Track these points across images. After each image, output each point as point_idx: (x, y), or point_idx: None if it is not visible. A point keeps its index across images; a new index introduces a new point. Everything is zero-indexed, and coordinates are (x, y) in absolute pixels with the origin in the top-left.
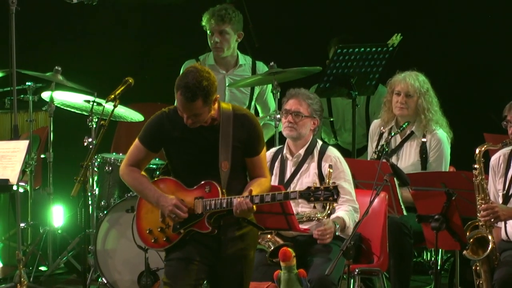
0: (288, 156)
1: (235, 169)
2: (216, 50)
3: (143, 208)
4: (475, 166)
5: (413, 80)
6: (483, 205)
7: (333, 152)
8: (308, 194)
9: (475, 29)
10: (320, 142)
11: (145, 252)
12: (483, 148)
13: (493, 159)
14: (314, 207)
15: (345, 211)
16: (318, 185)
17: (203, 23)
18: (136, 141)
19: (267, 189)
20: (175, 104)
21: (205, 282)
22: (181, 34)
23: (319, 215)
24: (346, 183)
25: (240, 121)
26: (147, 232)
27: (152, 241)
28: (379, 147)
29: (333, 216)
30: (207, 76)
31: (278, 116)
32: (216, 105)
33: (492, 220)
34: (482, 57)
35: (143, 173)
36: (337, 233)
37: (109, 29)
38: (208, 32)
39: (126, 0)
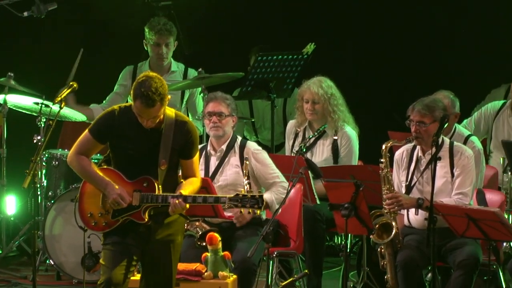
0: (212, 152)
1: (170, 169)
2: (161, 60)
3: (86, 193)
4: (382, 160)
5: (317, 88)
6: (388, 195)
7: (252, 145)
8: (236, 200)
9: (380, 39)
10: (239, 138)
11: (84, 232)
12: (388, 144)
13: (397, 153)
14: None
15: (271, 193)
16: (246, 190)
17: (147, 36)
18: (86, 132)
19: (198, 187)
20: (122, 104)
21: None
22: (118, 44)
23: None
24: (273, 166)
25: (180, 127)
26: (88, 215)
27: (93, 224)
28: (297, 147)
29: None
30: (160, 82)
31: None
32: (163, 110)
33: (396, 208)
34: (387, 63)
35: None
36: (262, 215)
37: (56, 39)
38: (151, 43)
39: (69, 15)
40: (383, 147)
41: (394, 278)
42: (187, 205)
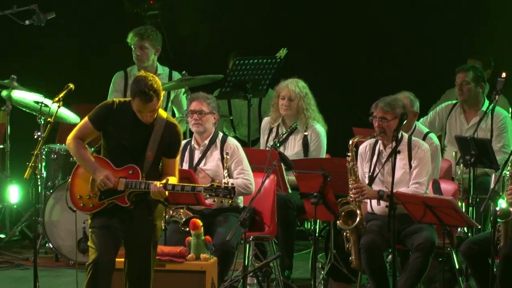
0: (196, 146)
1: (155, 162)
2: (138, 62)
3: (77, 177)
4: (348, 154)
5: (294, 86)
6: (354, 185)
7: (232, 141)
8: (210, 190)
9: (347, 46)
10: (221, 134)
11: (75, 213)
12: (355, 140)
13: (361, 147)
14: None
15: (237, 180)
16: (224, 181)
17: (128, 40)
18: (86, 119)
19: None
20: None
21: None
22: (111, 50)
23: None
24: (244, 162)
25: (169, 128)
26: (78, 197)
27: (81, 205)
28: (271, 142)
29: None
30: (153, 79)
31: None
32: (159, 104)
33: (360, 198)
34: (353, 67)
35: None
36: (240, 203)
37: (55, 45)
38: (132, 47)
39: (67, 23)
40: (350, 142)
41: (357, 259)
42: (166, 192)
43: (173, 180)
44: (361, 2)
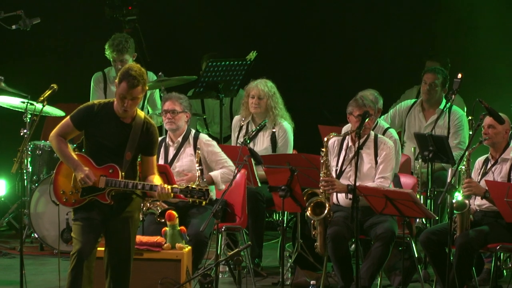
0: (170, 143)
1: (133, 161)
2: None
3: (60, 173)
4: (322, 149)
5: (263, 86)
6: (325, 178)
7: (204, 137)
8: (186, 192)
9: (314, 49)
10: (193, 131)
11: (58, 206)
12: (331, 137)
13: (330, 142)
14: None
15: (218, 172)
16: (197, 181)
17: (106, 54)
18: (68, 118)
19: (158, 180)
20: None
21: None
22: (91, 54)
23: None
24: (219, 152)
25: (147, 127)
26: (61, 192)
27: (64, 200)
28: (242, 139)
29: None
30: (141, 70)
31: None
32: (135, 110)
33: (330, 191)
34: (319, 68)
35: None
36: (212, 196)
37: (39, 48)
38: (111, 60)
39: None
40: (325, 139)
41: (322, 245)
42: (172, 194)
43: (156, 179)
44: (326, 7)
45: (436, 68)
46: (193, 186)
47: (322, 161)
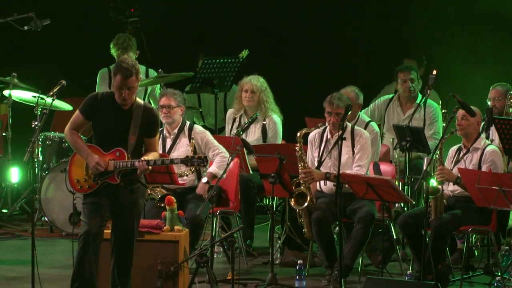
0: (167, 135)
1: (137, 143)
2: None
3: (73, 164)
4: (297, 144)
5: (255, 81)
6: (303, 170)
7: (198, 128)
8: (186, 160)
9: (301, 47)
10: (188, 122)
11: (73, 195)
12: (302, 132)
13: (311, 135)
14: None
15: (214, 165)
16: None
17: (112, 52)
18: (77, 111)
19: (157, 157)
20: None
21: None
22: (96, 52)
23: (187, 173)
24: (212, 140)
25: (147, 112)
26: (76, 181)
27: (79, 187)
28: (235, 130)
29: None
30: (133, 61)
31: None
32: (134, 97)
33: (310, 181)
34: (306, 65)
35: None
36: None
37: (49, 47)
38: (115, 56)
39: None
40: (298, 134)
41: (309, 231)
42: (150, 167)
43: (154, 155)
44: (308, 7)
45: (407, 65)
46: (192, 155)
47: (297, 155)
